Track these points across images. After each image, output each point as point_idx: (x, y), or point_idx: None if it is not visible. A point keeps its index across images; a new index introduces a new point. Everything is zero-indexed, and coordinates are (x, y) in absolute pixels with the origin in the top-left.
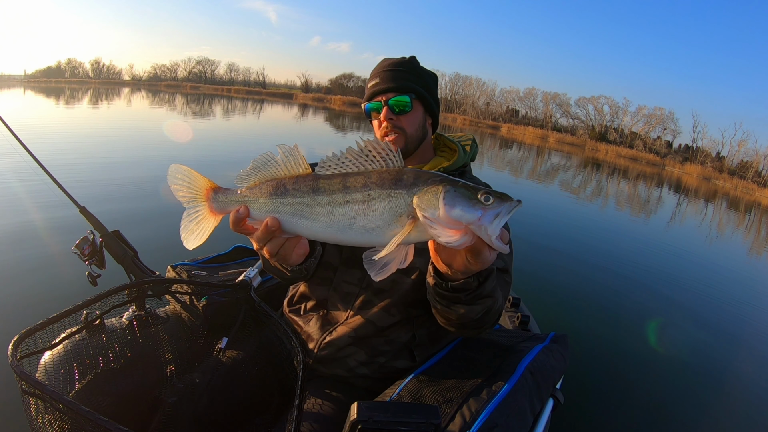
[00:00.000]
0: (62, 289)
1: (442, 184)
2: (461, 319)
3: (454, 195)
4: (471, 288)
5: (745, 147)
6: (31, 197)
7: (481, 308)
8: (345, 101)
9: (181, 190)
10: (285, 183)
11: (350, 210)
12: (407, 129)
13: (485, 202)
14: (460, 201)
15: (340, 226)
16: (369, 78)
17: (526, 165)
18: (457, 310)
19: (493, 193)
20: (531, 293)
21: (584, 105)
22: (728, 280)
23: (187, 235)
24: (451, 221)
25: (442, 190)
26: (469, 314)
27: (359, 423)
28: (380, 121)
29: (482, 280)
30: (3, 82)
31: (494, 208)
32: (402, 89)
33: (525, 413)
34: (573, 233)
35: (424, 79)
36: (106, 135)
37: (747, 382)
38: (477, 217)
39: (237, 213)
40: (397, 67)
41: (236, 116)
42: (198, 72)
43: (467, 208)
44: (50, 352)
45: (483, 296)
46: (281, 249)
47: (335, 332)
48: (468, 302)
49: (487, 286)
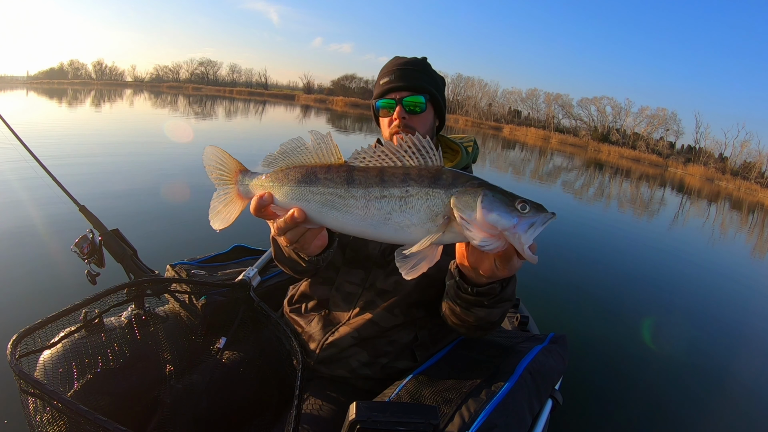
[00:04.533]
0: (61, 288)
1: (481, 188)
2: (479, 322)
3: (493, 200)
4: (494, 293)
5: (748, 148)
6: (30, 196)
7: (499, 311)
8: (347, 102)
9: (213, 171)
10: (316, 171)
11: (387, 205)
12: (419, 130)
13: (522, 211)
14: (498, 206)
15: (374, 220)
16: (380, 74)
17: (528, 166)
18: (476, 313)
19: (529, 202)
20: (530, 294)
21: (587, 106)
22: (730, 281)
23: (214, 216)
24: (487, 225)
25: (481, 193)
26: (487, 317)
27: (358, 423)
28: (391, 119)
29: (505, 285)
30: (6, 83)
31: (530, 217)
32: (417, 89)
33: (524, 414)
34: (573, 234)
35: (436, 81)
36: (107, 135)
37: (747, 383)
38: (513, 224)
39: (261, 198)
40: (411, 66)
41: (238, 117)
42: (200, 73)
43: (504, 213)
44: (49, 351)
45: (503, 300)
46: (301, 238)
47: (337, 333)
48: (489, 306)
49: (508, 290)
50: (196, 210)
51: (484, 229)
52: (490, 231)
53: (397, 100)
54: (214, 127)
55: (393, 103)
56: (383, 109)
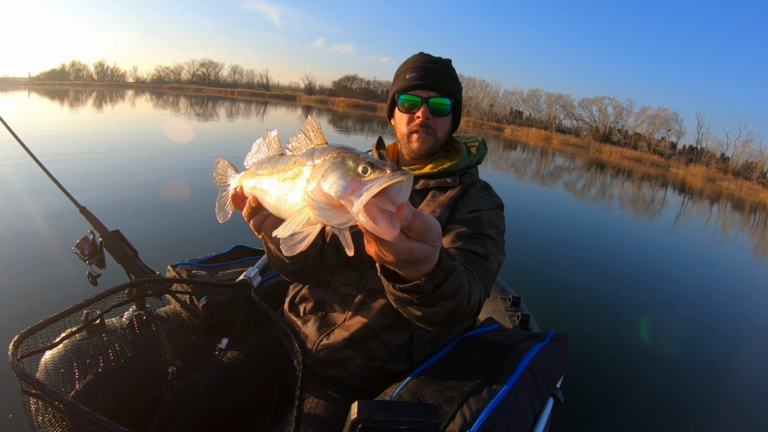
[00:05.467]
0: (62, 289)
1: (331, 155)
2: (421, 320)
3: (334, 166)
4: (425, 291)
5: (750, 148)
6: (31, 197)
7: (441, 310)
8: (348, 103)
9: (217, 177)
10: (262, 162)
11: (284, 187)
12: (439, 132)
13: (362, 174)
14: (335, 170)
15: (281, 203)
16: (404, 68)
17: (530, 166)
18: (412, 312)
19: (377, 164)
20: (531, 292)
21: (588, 106)
22: (732, 280)
23: (217, 212)
24: (324, 195)
25: (329, 160)
26: (428, 316)
27: (359, 422)
28: (412, 116)
29: (439, 282)
30: (8, 84)
31: (372, 181)
32: (444, 92)
33: (525, 412)
34: (574, 233)
35: (459, 86)
36: (107, 136)
37: (749, 382)
38: (347, 190)
39: (234, 191)
40: (439, 66)
41: (240, 118)
42: (202, 74)
43: (340, 179)
44: (50, 351)
45: (442, 299)
46: (262, 225)
47: (332, 335)
48: (423, 305)
49: (446, 287)
50: (196, 210)
51: (325, 200)
52: (327, 201)
53: (424, 98)
54: (215, 128)
55: (418, 101)
56: (405, 104)
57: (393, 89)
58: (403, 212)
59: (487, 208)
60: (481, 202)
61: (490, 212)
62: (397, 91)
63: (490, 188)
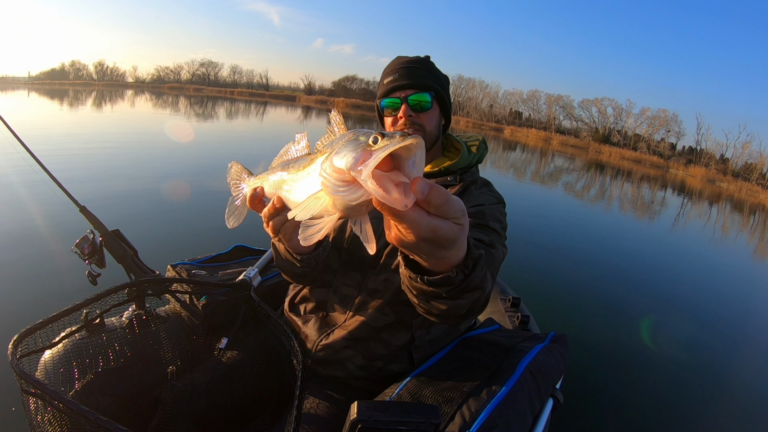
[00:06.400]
0: (62, 289)
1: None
2: (443, 315)
3: (347, 142)
4: (454, 283)
5: (750, 149)
6: (31, 197)
7: (467, 302)
8: (348, 103)
9: (231, 180)
10: (289, 162)
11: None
12: (426, 126)
13: (372, 144)
14: (347, 146)
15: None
16: (384, 74)
17: (530, 167)
18: (436, 306)
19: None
20: (531, 293)
21: (588, 107)
22: (731, 281)
23: (227, 216)
24: (336, 170)
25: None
26: (453, 309)
27: (359, 422)
28: (396, 118)
29: (468, 272)
30: (7, 83)
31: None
32: (422, 87)
33: (525, 413)
34: (574, 234)
35: (440, 79)
36: (107, 135)
37: (749, 382)
38: (358, 160)
39: (254, 191)
40: (415, 64)
41: (240, 118)
42: (201, 74)
43: (350, 152)
44: (50, 351)
45: (470, 289)
46: (283, 227)
47: (332, 335)
48: (451, 297)
49: (474, 276)
50: (196, 210)
51: (335, 174)
52: (339, 176)
53: (402, 98)
54: (215, 128)
55: (398, 102)
56: (388, 108)
57: (377, 99)
58: (418, 184)
59: (489, 203)
60: (483, 198)
61: (493, 207)
62: (378, 98)
63: (490, 185)
